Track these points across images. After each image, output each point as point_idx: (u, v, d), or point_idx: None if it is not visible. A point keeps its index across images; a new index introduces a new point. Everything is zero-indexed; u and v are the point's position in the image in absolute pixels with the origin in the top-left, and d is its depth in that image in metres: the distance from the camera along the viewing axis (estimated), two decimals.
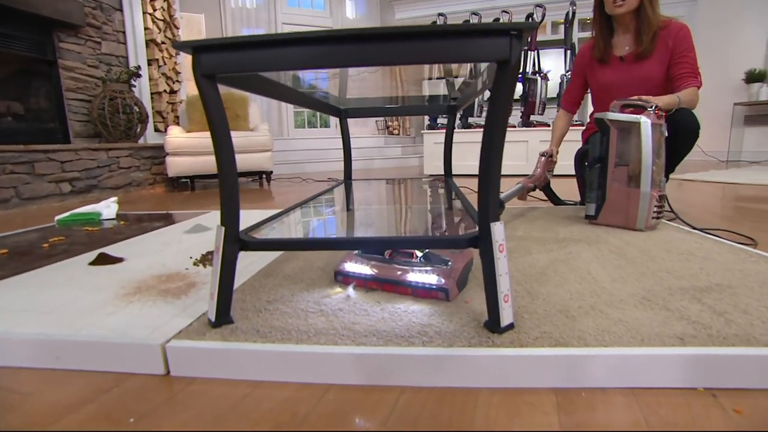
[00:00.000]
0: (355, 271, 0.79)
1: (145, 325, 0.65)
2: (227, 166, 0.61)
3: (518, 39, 0.53)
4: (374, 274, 0.77)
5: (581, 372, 0.54)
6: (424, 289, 0.73)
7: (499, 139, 0.58)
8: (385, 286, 0.76)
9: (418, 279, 0.73)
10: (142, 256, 1.08)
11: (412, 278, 0.74)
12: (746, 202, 1.90)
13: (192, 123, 3.19)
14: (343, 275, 0.81)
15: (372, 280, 0.77)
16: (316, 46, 0.53)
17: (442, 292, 0.71)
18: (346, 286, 0.80)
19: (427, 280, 0.73)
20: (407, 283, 0.74)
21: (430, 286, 0.72)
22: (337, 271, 0.82)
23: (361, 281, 0.79)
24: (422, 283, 0.73)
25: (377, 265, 0.78)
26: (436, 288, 0.72)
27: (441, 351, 0.55)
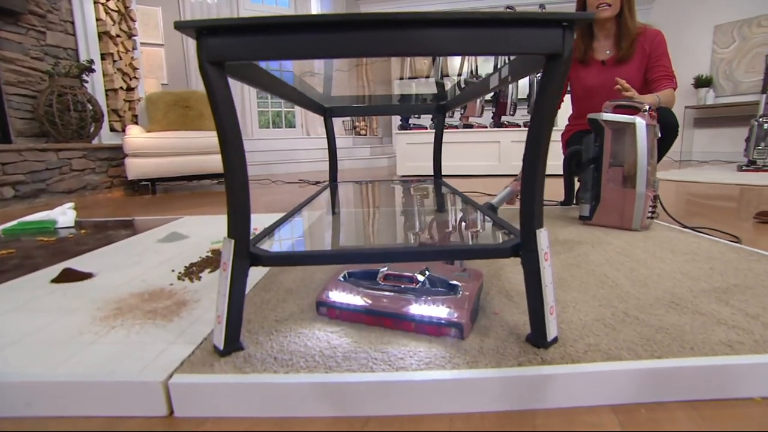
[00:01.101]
0: (342, 302, 0.64)
1: (137, 356, 0.55)
2: (237, 168, 0.52)
3: (570, 31, 0.49)
4: (367, 306, 0.62)
5: (638, 386, 0.51)
6: (432, 324, 0.58)
7: (546, 140, 0.53)
8: (383, 320, 0.61)
9: (423, 312, 0.59)
10: (114, 270, 0.96)
11: (416, 311, 0.59)
12: (711, 200, 1.99)
13: (153, 122, 2.98)
14: (328, 306, 0.65)
15: (365, 314, 0.62)
16: (350, 32, 0.46)
17: (454, 329, 0.57)
18: (331, 320, 0.65)
19: (435, 313, 0.58)
20: (410, 317, 0.59)
21: (439, 320, 0.58)
22: (319, 302, 0.66)
23: (351, 314, 0.63)
24: (429, 318, 0.58)
25: (370, 294, 0.63)
26: (446, 323, 0.58)
27: (490, 372, 0.50)
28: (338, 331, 0.61)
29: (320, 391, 0.49)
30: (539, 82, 0.52)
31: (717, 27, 4.47)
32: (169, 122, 3.00)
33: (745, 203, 1.91)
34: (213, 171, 3.02)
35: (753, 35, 4.19)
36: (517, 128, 3.66)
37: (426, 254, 0.56)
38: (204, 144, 2.95)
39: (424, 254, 0.56)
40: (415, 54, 0.50)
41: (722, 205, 1.86)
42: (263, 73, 0.76)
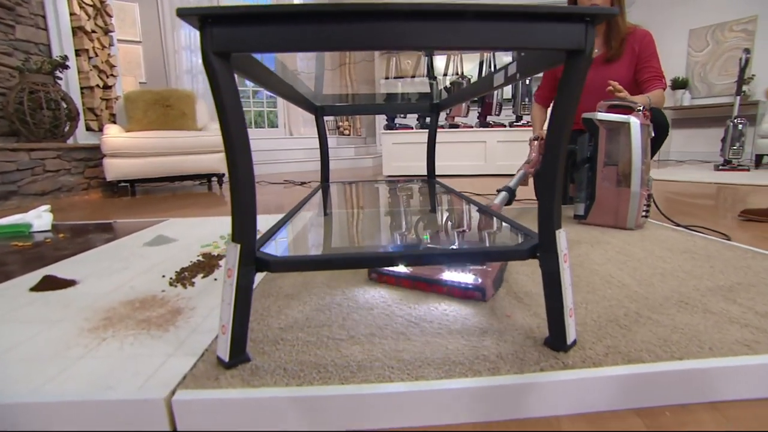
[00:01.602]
0: (391, 270, 0.78)
1: (134, 371, 0.51)
2: (243, 168, 0.49)
3: (592, 27, 0.48)
4: (409, 272, 0.76)
5: (661, 389, 0.50)
6: (460, 288, 0.72)
7: (566, 139, 0.52)
8: (419, 284, 0.76)
9: (453, 278, 0.73)
10: (99, 276, 0.90)
11: (448, 277, 0.73)
12: (693, 198, 2.04)
13: (132, 122, 2.87)
14: (378, 273, 0.80)
15: (406, 279, 0.77)
16: (371, 23, 0.44)
17: (478, 292, 0.71)
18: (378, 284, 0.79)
19: (463, 279, 0.72)
20: (443, 282, 0.73)
21: (467, 285, 0.72)
22: (370, 270, 0.81)
23: (395, 279, 0.78)
24: (458, 283, 0.72)
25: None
26: (472, 288, 0.71)
27: (513, 379, 0.48)
28: (348, 339, 0.59)
29: (337, 405, 0.46)
30: (559, 80, 0.51)
31: (692, 31, 4.61)
32: (149, 121, 2.90)
33: (724, 201, 1.96)
34: (195, 172, 2.94)
35: (725, 39, 4.34)
36: (503, 128, 3.69)
37: (445, 257, 0.54)
38: (186, 144, 2.86)
39: (443, 257, 0.54)
40: (435, 47, 0.48)
41: (704, 203, 1.90)
42: (260, 66, 0.73)
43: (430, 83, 3.59)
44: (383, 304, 0.71)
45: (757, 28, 4.14)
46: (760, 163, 3.62)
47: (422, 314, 0.66)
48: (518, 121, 3.73)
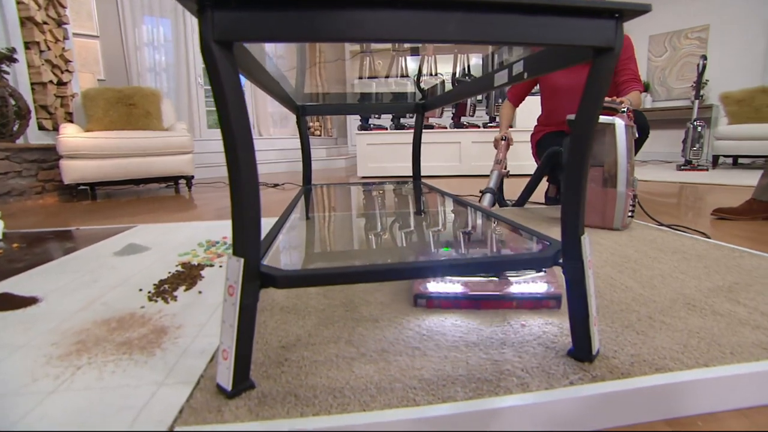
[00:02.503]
0: (442, 291, 0.68)
1: (120, 405, 0.45)
2: (247, 172, 0.44)
3: (622, 23, 0.45)
4: (467, 292, 0.67)
5: (691, 398, 0.48)
6: (533, 299, 0.66)
7: (588, 142, 0.49)
8: (484, 303, 0.67)
9: (523, 290, 0.66)
10: (65, 292, 0.81)
11: (516, 290, 0.66)
12: (663, 197, 2.12)
13: (92, 121, 2.69)
14: (426, 298, 0.68)
15: (466, 299, 0.67)
16: (391, 10, 0.39)
17: (554, 301, 0.66)
18: (431, 310, 0.68)
19: (534, 289, 0.66)
20: (511, 297, 0.67)
21: (540, 295, 0.66)
22: (417, 294, 0.69)
23: (451, 302, 0.68)
24: (529, 294, 0.66)
25: (469, 281, 0.68)
26: (546, 297, 0.66)
27: (547, 396, 0.45)
28: (360, 357, 0.54)
29: None
30: (587, 79, 0.48)
31: (651, 37, 4.83)
32: (111, 121, 2.72)
33: (693, 200, 2.04)
34: (162, 174, 2.78)
35: (682, 46, 4.57)
36: (477, 129, 3.72)
37: (469, 267, 0.50)
38: (152, 145, 2.70)
39: (466, 267, 0.50)
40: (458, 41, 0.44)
41: (674, 202, 1.97)
42: (252, 58, 0.67)
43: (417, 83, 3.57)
44: (388, 316, 0.66)
45: (709, 36, 4.39)
46: (716, 164, 3.84)
47: (432, 326, 0.62)
48: (492, 121, 3.77)
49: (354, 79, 4.28)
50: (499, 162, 1.75)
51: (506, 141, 1.79)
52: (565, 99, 1.72)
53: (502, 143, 1.79)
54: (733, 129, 3.65)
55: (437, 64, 4.22)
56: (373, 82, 4.07)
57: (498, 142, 1.81)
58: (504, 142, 1.79)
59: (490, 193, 1.69)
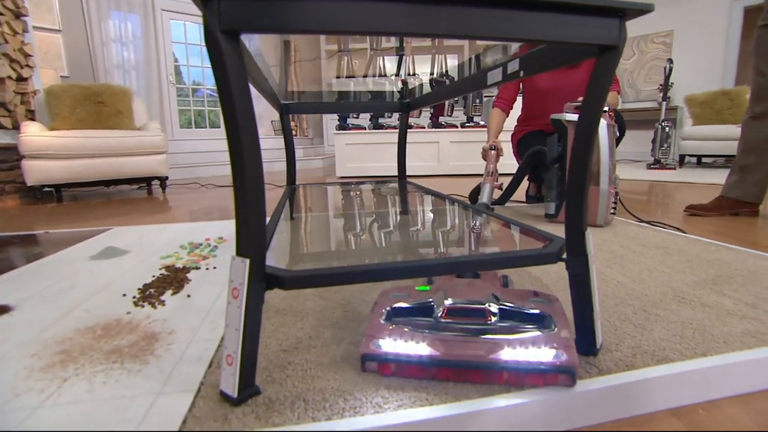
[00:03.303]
0: (400, 353, 0.47)
1: (116, 418, 0.42)
2: (252, 168, 0.42)
3: (624, 22, 0.46)
4: (439, 356, 0.46)
5: (693, 387, 0.49)
6: (535, 372, 0.45)
7: (593, 136, 0.50)
8: (464, 373, 0.46)
9: (519, 357, 0.45)
10: (40, 300, 0.76)
11: (510, 356, 0.45)
12: (637, 195, 2.20)
13: (57, 119, 2.56)
14: (379, 361, 0.48)
15: (438, 366, 0.47)
16: (405, 3, 0.38)
17: (565, 375, 0.45)
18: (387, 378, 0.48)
19: (536, 357, 0.45)
20: (500, 366, 0.45)
21: (542, 367, 0.45)
22: (365, 355, 0.48)
23: (417, 369, 0.47)
24: (528, 364, 0.45)
25: (439, 338, 0.48)
26: (553, 369, 0.45)
27: (557, 392, 0.45)
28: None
29: None
30: (591, 78, 0.49)
31: None
32: (78, 119, 2.60)
33: (664, 197, 2.13)
34: (135, 175, 2.68)
35: (648, 50, 4.77)
36: (455, 129, 3.76)
37: (474, 264, 0.50)
38: (124, 145, 2.60)
39: (472, 264, 0.50)
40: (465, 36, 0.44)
41: (647, 199, 2.05)
42: (246, 50, 0.64)
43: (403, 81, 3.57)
44: None
45: (673, 41, 4.60)
46: (683, 163, 4.01)
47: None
48: (469, 121, 3.82)
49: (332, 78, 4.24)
50: (490, 174, 1.64)
51: (496, 151, 1.69)
52: (548, 101, 1.75)
53: (491, 153, 1.68)
54: (697, 130, 3.83)
55: (415, 64, 4.24)
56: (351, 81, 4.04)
57: (487, 153, 1.71)
58: (493, 153, 1.68)
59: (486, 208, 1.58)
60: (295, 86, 5.84)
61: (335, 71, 4.21)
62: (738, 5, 4.19)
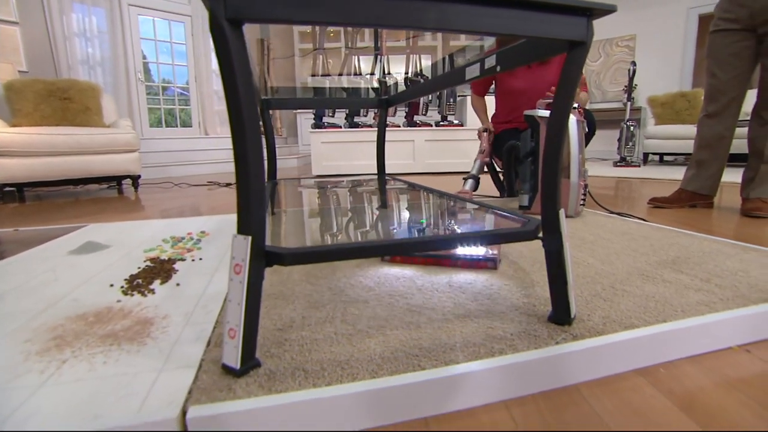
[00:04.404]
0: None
1: (122, 392, 0.43)
2: (254, 152, 0.44)
3: (591, 21, 0.51)
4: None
5: (654, 349, 0.55)
6: (473, 260, 0.79)
7: (565, 125, 0.55)
8: (431, 260, 0.81)
9: (465, 251, 0.79)
10: (23, 292, 0.75)
11: (459, 251, 0.79)
12: (605, 190, 2.31)
13: (19, 115, 2.46)
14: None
15: (417, 256, 0.82)
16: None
17: (491, 262, 0.79)
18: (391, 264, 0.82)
19: (474, 252, 0.80)
20: (455, 256, 0.80)
21: (478, 257, 0.80)
22: None
23: (409, 258, 0.83)
24: (470, 255, 0.79)
25: None
26: (484, 259, 0.79)
27: (536, 354, 0.49)
28: (357, 333, 0.56)
29: (374, 399, 0.43)
30: (562, 70, 0.54)
31: None
32: (42, 116, 2.50)
33: (629, 191, 2.25)
34: (104, 174, 2.60)
35: (614, 53, 4.99)
36: (430, 128, 3.82)
37: (455, 241, 0.54)
38: (94, 142, 2.52)
39: (457, 240, 0.54)
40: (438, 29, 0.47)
41: (614, 193, 2.16)
42: None
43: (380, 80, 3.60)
44: (375, 297, 0.69)
45: (636, 45, 4.84)
46: (646, 161, 4.23)
47: (421, 303, 0.66)
48: (444, 120, 3.90)
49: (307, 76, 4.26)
50: (482, 152, 1.91)
51: (488, 132, 1.93)
52: (521, 100, 1.83)
53: (484, 135, 1.92)
54: (659, 129, 4.04)
55: (390, 64, 4.30)
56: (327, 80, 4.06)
57: (481, 134, 1.94)
58: (485, 134, 1.92)
59: (473, 179, 1.92)
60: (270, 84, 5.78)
61: (311, 69, 4.20)
62: (693, 12, 4.45)
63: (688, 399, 0.48)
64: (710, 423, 0.44)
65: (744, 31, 1.45)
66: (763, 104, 1.47)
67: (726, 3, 1.48)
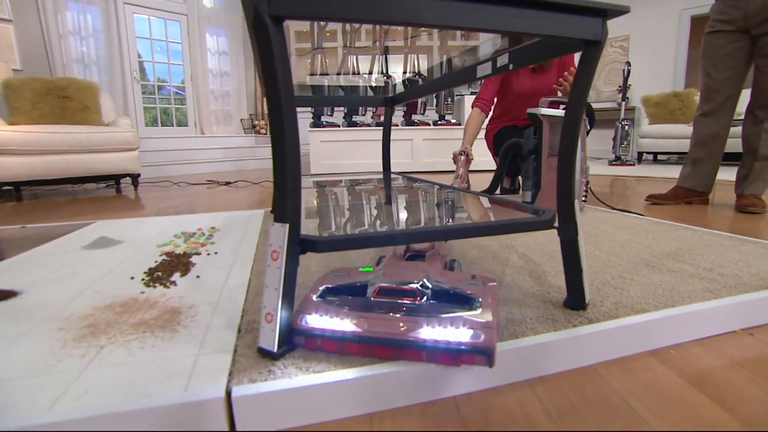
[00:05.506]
0: (325, 328, 0.48)
1: (165, 374, 0.45)
2: (292, 144, 0.46)
3: (605, 21, 0.54)
4: (359, 332, 0.47)
5: (664, 332, 0.58)
6: (450, 352, 0.44)
7: (579, 121, 0.58)
8: (379, 350, 0.47)
9: (437, 336, 0.45)
10: (45, 284, 0.76)
11: (427, 335, 0.45)
12: (603, 187, 2.36)
13: (17, 114, 2.45)
14: (305, 335, 0.49)
15: (357, 342, 0.47)
16: None
17: (480, 356, 0.44)
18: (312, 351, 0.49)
19: (453, 336, 0.45)
20: (419, 345, 0.45)
21: (459, 346, 0.44)
22: (295, 330, 0.49)
23: (337, 344, 0.48)
24: (446, 344, 0.45)
25: (362, 316, 0.49)
26: (469, 349, 0.44)
27: (556, 336, 0.52)
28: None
29: (407, 378, 0.46)
30: (578, 68, 0.56)
31: None
32: (41, 114, 2.49)
33: (625, 189, 2.29)
34: (103, 172, 2.59)
35: (607, 53, 5.07)
36: (428, 127, 3.85)
37: (477, 229, 0.56)
38: (93, 141, 2.51)
39: (476, 230, 0.56)
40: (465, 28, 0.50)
41: (612, 191, 2.21)
42: None
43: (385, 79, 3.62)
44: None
45: (630, 46, 4.91)
46: (641, 159, 4.30)
47: None
48: (441, 119, 3.93)
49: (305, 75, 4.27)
50: (459, 177, 1.67)
51: (466, 156, 1.70)
52: (522, 101, 1.87)
53: (461, 159, 1.68)
54: (653, 128, 4.11)
55: (388, 64, 4.31)
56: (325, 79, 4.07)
57: (457, 158, 1.69)
58: (463, 158, 1.69)
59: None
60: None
61: (308, 69, 4.22)
62: (686, 14, 4.53)
63: (698, 377, 0.51)
64: (721, 397, 0.47)
65: (738, 33, 1.50)
66: (757, 103, 1.52)
67: (721, 5, 1.53)
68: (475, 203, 0.92)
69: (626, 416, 0.44)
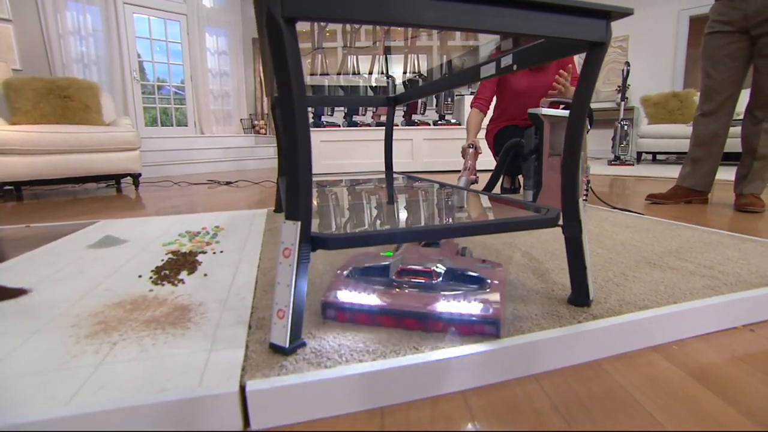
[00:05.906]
0: (354, 302, 0.56)
1: (178, 370, 0.46)
2: (304, 144, 0.47)
3: (609, 23, 0.55)
4: (385, 306, 0.55)
5: (667, 328, 0.59)
6: (464, 323, 0.52)
7: (583, 120, 0.59)
8: (404, 321, 0.54)
9: (453, 309, 0.53)
10: (53, 283, 0.77)
11: (445, 308, 0.53)
12: (602, 187, 2.37)
13: (18, 113, 2.45)
14: (336, 309, 0.57)
15: (383, 315, 0.55)
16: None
17: (490, 326, 0.51)
18: (342, 323, 0.56)
19: (466, 309, 0.52)
20: (437, 316, 0.53)
21: (471, 318, 0.52)
22: (325, 303, 0.57)
23: (366, 316, 0.55)
24: (460, 315, 0.52)
25: (387, 292, 0.57)
26: (480, 321, 0.52)
27: (562, 331, 0.53)
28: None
29: (417, 372, 0.46)
30: (582, 69, 0.57)
31: None
32: (42, 114, 2.49)
33: (625, 188, 2.31)
34: (104, 172, 2.59)
35: (606, 53, 5.06)
36: (428, 126, 3.86)
37: (484, 227, 0.57)
38: (94, 141, 2.52)
39: (482, 227, 0.57)
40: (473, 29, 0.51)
41: (612, 190, 2.22)
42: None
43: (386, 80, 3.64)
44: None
45: (629, 46, 4.93)
46: (640, 159, 4.32)
47: None
48: (441, 119, 3.94)
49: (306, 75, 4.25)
50: (467, 169, 1.76)
51: (474, 149, 1.79)
52: (522, 100, 1.88)
53: (470, 151, 1.79)
54: (652, 128, 4.13)
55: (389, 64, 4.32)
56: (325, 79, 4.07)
57: (465, 151, 1.80)
58: (472, 150, 1.79)
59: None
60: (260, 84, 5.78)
61: (309, 69, 4.22)
62: (684, 14, 4.55)
63: (700, 371, 0.52)
64: (723, 391, 0.48)
65: (738, 33, 1.51)
66: (756, 103, 1.53)
67: (720, 6, 1.54)
68: (480, 202, 0.93)
69: (632, 409, 0.44)
